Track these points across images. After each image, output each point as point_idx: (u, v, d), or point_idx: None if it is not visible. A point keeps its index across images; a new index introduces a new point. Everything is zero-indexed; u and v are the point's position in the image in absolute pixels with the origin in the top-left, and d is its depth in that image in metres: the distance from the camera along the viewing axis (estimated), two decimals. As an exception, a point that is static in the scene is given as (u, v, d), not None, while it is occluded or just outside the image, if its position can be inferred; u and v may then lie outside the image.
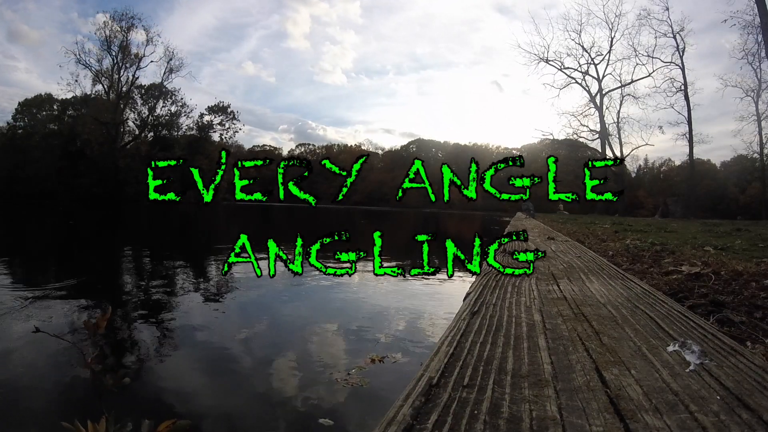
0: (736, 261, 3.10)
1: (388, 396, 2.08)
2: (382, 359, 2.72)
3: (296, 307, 4.17)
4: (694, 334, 1.18)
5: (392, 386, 2.29)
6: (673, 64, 29.35)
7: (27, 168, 43.31)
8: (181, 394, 2.21)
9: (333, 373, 2.51)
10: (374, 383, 2.39)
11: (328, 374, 2.50)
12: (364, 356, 2.78)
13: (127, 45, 45.83)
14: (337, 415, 2.01)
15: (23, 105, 49.16)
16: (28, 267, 6.35)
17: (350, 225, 20.96)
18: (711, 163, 53.13)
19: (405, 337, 3.30)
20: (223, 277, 5.76)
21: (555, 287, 1.93)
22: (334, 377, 2.45)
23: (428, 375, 0.87)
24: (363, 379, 2.43)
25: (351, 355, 2.87)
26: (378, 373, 2.54)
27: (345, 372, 2.52)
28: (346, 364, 2.67)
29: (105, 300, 4.26)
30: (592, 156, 36.13)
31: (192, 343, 3.05)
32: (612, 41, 32.14)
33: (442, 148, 79.54)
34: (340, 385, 2.34)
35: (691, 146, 28.75)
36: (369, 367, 2.61)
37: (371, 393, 2.29)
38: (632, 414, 0.71)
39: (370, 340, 3.17)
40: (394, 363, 2.69)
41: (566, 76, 33.71)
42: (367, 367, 2.59)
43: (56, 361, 2.50)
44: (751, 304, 1.89)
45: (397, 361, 2.72)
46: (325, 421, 1.95)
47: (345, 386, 2.34)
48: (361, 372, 2.52)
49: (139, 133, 49.77)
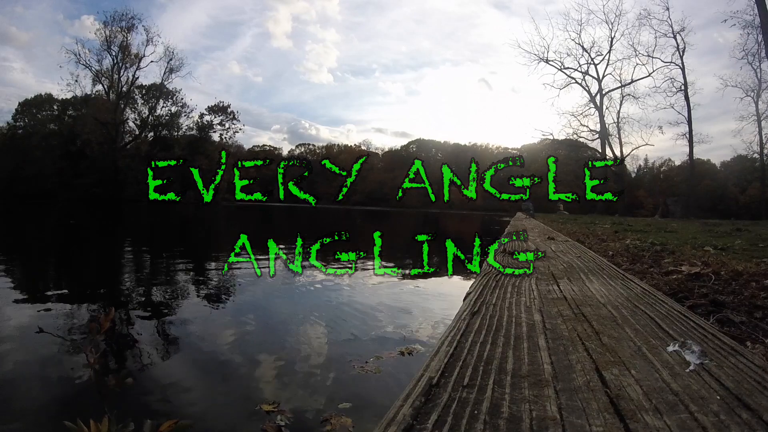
0: (736, 261, 3.10)
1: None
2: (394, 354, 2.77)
3: (296, 307, 4.17)
4: (694, 334, 1.18)
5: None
6: (673, 64, 29.41)
7: (27, 168, 43.32)
8: (183, 394, 2.22)
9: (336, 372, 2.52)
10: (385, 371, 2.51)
11: (331, 371, 2.51)
12: (366, 355, 2.81)
13: (127, 45, 45.88)
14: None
15: (23, 105, 49.22)
16: (30, 267, 6.35)
17: (348, 225, 20.98)
18: (711, 163, 53.16)
19: (407, 334, 3.32)
20: (225, 277, 5.76)
21: (555, 287, 1.93)
22: (342, 371, 2.46)
23: (428, 375, 0.87)
24: (378, 367, 2.57)
25: (355, 354, 2.90)
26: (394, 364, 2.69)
27: (353, 366, 2.53)
28: (349, 362, 2.67)
29: (107, 300, 4.27)
30: (592, 156, 36.15)
31: (195, 342, 3.05)
32: (612, 41, 32.20)
33: (442, 148, 79.49)
34: (356, 370, 2.45)
35: (691, 146, 28.78)
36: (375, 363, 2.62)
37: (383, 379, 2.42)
38: (632, 414, 0.71)
39: (371, 338, 3.18)
40: (399, 359, 2.71)
41: (566, 76, 33.77)
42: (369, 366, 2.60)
43: (59, 360, 2.50)
44: (751, 304, 1.89)
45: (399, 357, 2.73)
46: (344, 405, 2.05)
47: (362, 372, 2.48)
48: (375, 363, 2.55)
49: (139, 133, 49.81)
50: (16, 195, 39.91)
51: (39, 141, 45.32)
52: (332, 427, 1.86)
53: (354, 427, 1.87)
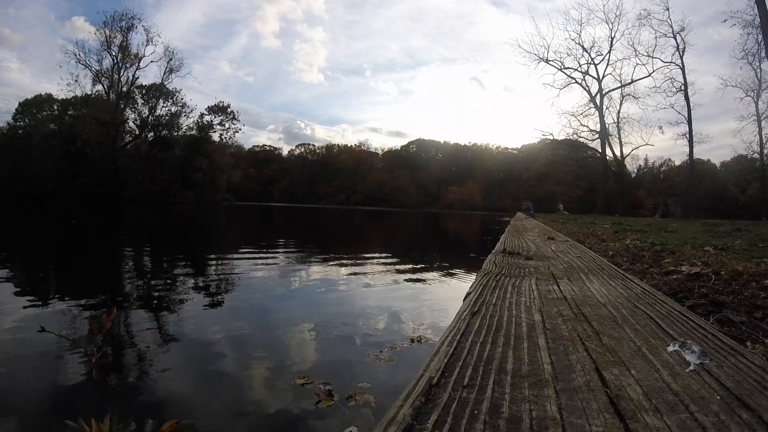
0: (736, 261, 3.10)
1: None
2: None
3: (296, 306, 4.17)
4: (694, 334, 1.18)
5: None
6: (673, 64, 29.35)
7: (27, 168, 43.31)
8: (185, 393, 2.22)
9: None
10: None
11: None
12: (380, 346, 2.98)
13: (127, 45, 45.89)
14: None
15: (23, 105, 49.22)
16: (33, 266, 6.35)
17: (346, 225, 20.97)
18: (711, 163, 53.23)
19: (415, 327, 3.36)
20: (229, 275, 5.77)
21: (555, 287, 1.93)
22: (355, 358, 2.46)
23: (428, 375, 0.87)
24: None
25: (368, 345, 3.07)
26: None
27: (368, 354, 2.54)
28: (365, 352, 2.70)
29: (109, 299, 4.27)
30: (592, 156, 36.17)
31: (198, 341, 3.05)
32: (612, 41, 32.16)
33: (442, 148, 79.41)
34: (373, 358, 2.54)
35: (691, 146, 28.74)
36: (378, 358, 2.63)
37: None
38: (632, 414, 0.71)
39: (382, 332, 3.18)
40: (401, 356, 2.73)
41: (566, 76, 33.72)
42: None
43: (60, 360, 2.50)
44: (751, 304, 1.89)
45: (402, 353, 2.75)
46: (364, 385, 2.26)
47: (377, 360, 2.69)
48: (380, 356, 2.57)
49: (139, 133, 49.78)
50: (16, 195, 39.89)
51: (39, 141, 45.29)
52: (356, 402, 2.09)
53: (375, 402, 2.09)
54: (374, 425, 1.53)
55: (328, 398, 2.12)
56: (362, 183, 75.14)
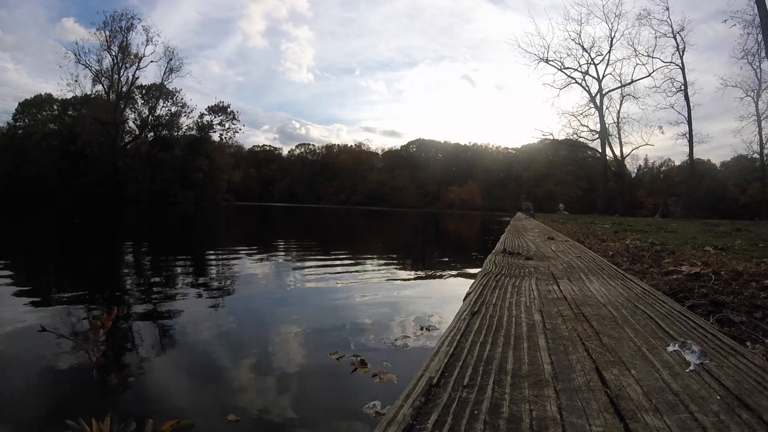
0: (736, 261, 3.10)
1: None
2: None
3: (295, 306, 4.17)
4: (694, 334, 1.19)
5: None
6: (673, 64, 29.32)
7: (27, 168, 43.30)
8: (185, 393, 2.22)
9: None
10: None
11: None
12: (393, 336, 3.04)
13: (126, 45, 45.87)
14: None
15: (23, 105, 49.20)
16: (34, 265, 6.35)
17: (346, 225, 20.97)
18: (711, 163, 53.23)
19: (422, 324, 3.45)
20: (231, 275, 5.77)
21: (555, 287, 1.93)
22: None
23: (428, 375, 0.87)
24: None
25: (382, 335, 3.19)
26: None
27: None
28: (381, 339, 2.69)
29: (110, 299, 4.27)
30: (592, 156, 36.17)
31: (199, 340, 3.04)
32: (612, 41, 32.13)
33: (442, 148, 79.33)
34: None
35: (691, 146, 28.72)
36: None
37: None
38: (632, 414, 0.72)
39: (393, 324, 3.19)
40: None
41: (566, 76, 33.69)
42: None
43: (61, 360, 2.50)
44: (751, 304, 1.89)
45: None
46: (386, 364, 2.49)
47: (393, 347, 2.63)
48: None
49: (139, 133, 49.76)
50: (16, 195, 39.88)
51: (39, 141, 45.31)
52: (380, 380, 2.30)
53: (397, 380, 2.28)
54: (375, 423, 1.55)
55: (363, 366, 2.45)
56: (362, 183, 75.15)
